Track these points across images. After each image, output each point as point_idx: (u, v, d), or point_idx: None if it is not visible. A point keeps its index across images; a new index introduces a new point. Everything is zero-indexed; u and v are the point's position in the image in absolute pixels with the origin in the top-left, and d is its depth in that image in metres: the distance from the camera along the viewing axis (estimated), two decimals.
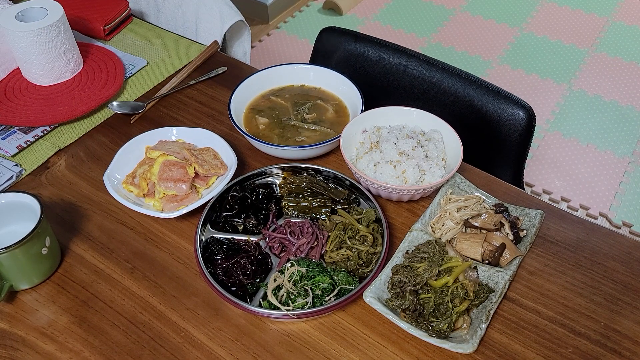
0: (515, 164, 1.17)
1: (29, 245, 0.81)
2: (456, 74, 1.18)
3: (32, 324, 0.82)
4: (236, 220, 0.92)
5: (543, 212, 0.93)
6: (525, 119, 1.11)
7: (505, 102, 1.12)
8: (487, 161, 1.15)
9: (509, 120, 1.13)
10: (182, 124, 1.13)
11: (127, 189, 0.96)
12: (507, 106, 1.12)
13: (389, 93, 1.27)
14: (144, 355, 0.79)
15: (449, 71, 1.19)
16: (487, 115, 1.15)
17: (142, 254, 0.91)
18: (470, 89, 1.15)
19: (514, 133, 1.13)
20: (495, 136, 1.16)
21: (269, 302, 0.81)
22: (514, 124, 1.12)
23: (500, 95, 1.13)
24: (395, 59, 1.24)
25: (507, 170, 1.17)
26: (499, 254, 0.86)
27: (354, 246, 0.86)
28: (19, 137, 1.09)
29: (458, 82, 1.17)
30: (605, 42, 2.95)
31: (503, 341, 0.80)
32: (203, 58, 1.27)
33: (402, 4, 3.23)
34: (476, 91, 1.15)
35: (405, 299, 0.80)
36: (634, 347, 0.79)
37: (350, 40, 1.28)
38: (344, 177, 0.96)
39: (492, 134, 1.16)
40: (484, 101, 1.14)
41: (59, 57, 1.15)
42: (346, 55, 1.29)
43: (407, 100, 1.17)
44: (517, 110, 1.12)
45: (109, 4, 1.37)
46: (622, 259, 0.89)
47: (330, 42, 1.31)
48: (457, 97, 1.17)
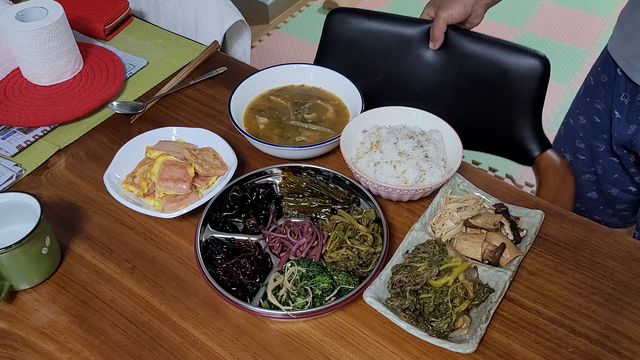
0: (534, 112, 1.23)
1: (29, 245, 0.81)
2: (471, 35, 1.23)
3: (32, 324, 0.82)
4: (236, 220, 0.92)
5: (543, 212, 0.93)
6: (541, 67, 1.18)
7: (521, 55, 1.19)
8: (506, 111, 1.23)
9: (525, 70, 1.19)
10: (182, 124, 1.13)
11: (127, 189, 0.96)
12: (523, 58, 1.19)
13: (406, 64, 1.29)
14: (144, 355, 0.79)
15: (464, 33, 1.23)
16: (504, 69, 1.21)
17: (142, 254, 0.91)
18: (487, 48, 1.22)
19: (531, 82, 1.20)
20: (513, 87, 1.22)
21: (269, 302, 0.81)
22: (531, 73, 1.19)
23: (515, 49, 1.20)
24: (409, 29, 1.27)
25: (527, 117, 1.23)
26: (499, 254, 0.86)
27: (354, 246, 0.86)
28: (19, 137, 1.09)
29: (474, 43, 1.23)
30: (605, 43, 2.94)
31: (503, 341, 0.80)
32: (203, 58, 1.27)
33: (402, 4, 3.23)
34: (492, 48, 1.21)
35: (405, 298, 0.80)
36: (634, 347, 0.79)
37: (362, 18, 1.30)
38: (344, 177, 0.96)
39: (511, 86, 1.21)
40: (500, 57, 1.21)
41: (59, 57, 1.15)
42: (360, 32, 1.30)
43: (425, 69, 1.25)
44: (533, 60, 1.18)
45: (109, 4, 1.37)
46: (622, 259, 0.89)
47: (341, 23, 1.32)
48: (475, 57, 1.23)
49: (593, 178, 1.31)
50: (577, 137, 1.30)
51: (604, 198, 1.32)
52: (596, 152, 1.27)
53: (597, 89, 1.24)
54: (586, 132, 1.28)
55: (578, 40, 2.97)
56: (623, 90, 1.15)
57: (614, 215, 1.36)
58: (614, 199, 1.31)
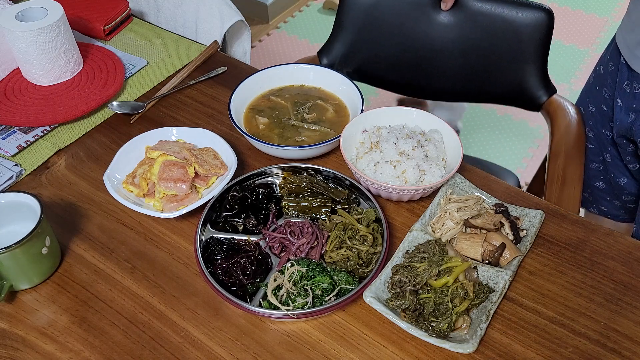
0: (541, 61, 1.34)
1: (29, 245, 0.81)
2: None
3: (32, 324, 0.82)
4: (236, 220, 0.92)
5: (543, 212, 0.93)
6: (546, 19, 1.29)
7: (527, 9, 1.30)
8: (515, 62, 1.35)
9: (532, 22, 1.31)
10: (182, 124, 1.13)
11: (127, 189, 0.96)
12: (530, 11, 1.30)
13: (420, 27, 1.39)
14: (144, 355, 0.79)
15: None
16: (512, 23, 1.32)
17: (142, 254, 0.91)
18: (495, 4, 1.32)
19: (538, 33, 1.31)
20: (521, 39, 1.33)
21: (269, 302, 0.81)
22: (537, 24, 1.30)
23: (522, 3, 1.31)
24: None
25: (534, 66, 1.35)
26: (499, 254, 0.86)
27: (354, 246, 0.86)
28: (19, 137, 1.09)
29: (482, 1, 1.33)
30: (605, 43, 2.95)
31: (503, 341, 0.80)
32: (203, 58, 1.27)
33: None
34: (500, 5, 1.32)
35: (405, 298, 0.80)
36: (634, 347, 0.79)
37: None
38: (344, 177, 0.96)
39: (519, 38, 1.33)
40: (508, 12, 1.32)
41: (59, 57, 1.15)
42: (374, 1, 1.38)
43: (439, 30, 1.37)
44: (539, 13, 1.30)
45: (109, 4, 1.37)
46: (622, 259, 0.89)
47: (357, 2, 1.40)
48: (484, 14, 1.34)
49: (601, 167, 1.33)
50: (587, 126, 1.32)
51: (611, 188, 1.34)
52: (604, 140, 1.29)
53: (604, 77, 1.26)
54: (595, 120, 1.30)
55: (578, 40, 2.97)
56: (625, 78, 1.17)
57: (620, 208, 1.37)
58: (621, 189, 1.32)
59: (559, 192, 1.13)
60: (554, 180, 1.16)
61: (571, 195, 1.12)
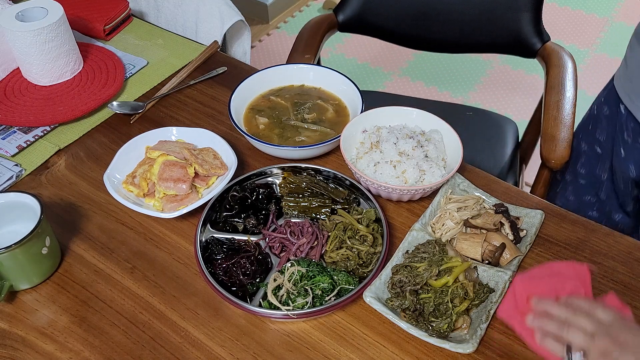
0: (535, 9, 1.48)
1: (29, 245, 0.81)
2: None
3: (32, 324, 0.82)
4: (236, 220, 0.92)
5: (543, 212, 0.93)
6: None
7: None
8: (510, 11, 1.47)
9: None
10: (182, 124, 1.13)
11: (127, 189, 0.96)
12: None
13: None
14: (144, 355, 0.79)
15: None
16: None
17: (142, 254, 0.91)
18: None
19: None
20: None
21: (269, 302, 0.81)
22: None
23: None
24: None
25: (529, 14, 1.48)
26: (499, 254, 0.86)
27: (354, 246, 0.86)
28: (19, 137, 1.09)
29: None
30: (605, 43, 2.95)
31: (503, 341, 0.80)
32: (203, 58, 1.27)
33: None
34: None
35: (405, 298, 0.80)
36: None
37: None
38: (344, 177, 0.96)
39: None
40: None
41: (59, 57, 1.15)
42: None
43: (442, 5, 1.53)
44: None
45: (109, 4, 1.37)
46: (622, 259, 0.89)
47: None
48: None
49: (594, 199, 1.28)
50: (579, 162, 1.28)
51: (605, 218, 1.29)
52: (598, 180, 1.25)
53: (599, 119, 1.22)
54: (587, 159, 1.26)
55: (578, 40, 2.97)
56: (625, 128, 1.13)
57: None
58: (616, 223, 1.27)
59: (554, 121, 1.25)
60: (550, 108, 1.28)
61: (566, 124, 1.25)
